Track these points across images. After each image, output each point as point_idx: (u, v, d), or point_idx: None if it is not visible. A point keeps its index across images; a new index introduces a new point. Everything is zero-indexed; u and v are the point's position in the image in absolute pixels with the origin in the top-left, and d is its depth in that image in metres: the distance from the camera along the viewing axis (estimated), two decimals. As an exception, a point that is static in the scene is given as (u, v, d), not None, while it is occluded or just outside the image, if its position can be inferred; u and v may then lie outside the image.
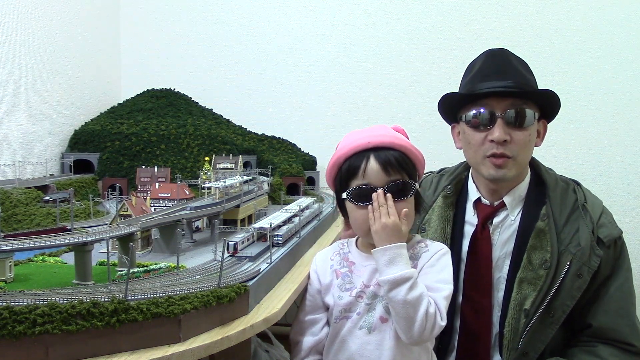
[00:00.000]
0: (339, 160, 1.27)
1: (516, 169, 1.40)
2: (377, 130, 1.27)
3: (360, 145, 1.23)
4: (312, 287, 1.32)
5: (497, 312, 1.44)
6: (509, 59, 1.41)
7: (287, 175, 2.48)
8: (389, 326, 1.19)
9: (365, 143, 1.23)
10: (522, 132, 1.36)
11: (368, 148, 1.23)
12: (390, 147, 1.23)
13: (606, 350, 1.35)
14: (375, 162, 1.21)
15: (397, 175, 1.21)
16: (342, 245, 1.36)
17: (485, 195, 1.49)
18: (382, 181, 1.21)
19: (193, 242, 1.57)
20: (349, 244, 1.35)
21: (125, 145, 2.39)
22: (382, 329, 1.20)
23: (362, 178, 1.22)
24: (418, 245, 1.28)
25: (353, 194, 1.23)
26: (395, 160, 1.21)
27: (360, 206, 1.22)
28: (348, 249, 1.34)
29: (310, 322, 1.30)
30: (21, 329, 0.81)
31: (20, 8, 2.19)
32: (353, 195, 1.23)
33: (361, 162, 1.22)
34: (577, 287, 1.35)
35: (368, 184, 1.21)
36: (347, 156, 1.25)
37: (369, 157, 1.22)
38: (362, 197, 1.21)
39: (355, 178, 1.23)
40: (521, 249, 1.41)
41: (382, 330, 1.20)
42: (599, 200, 1.48)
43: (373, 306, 1.21)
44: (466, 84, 1.45)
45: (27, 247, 0.99)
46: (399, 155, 1.22)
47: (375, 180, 1.21)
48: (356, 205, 1.23)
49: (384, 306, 1.20)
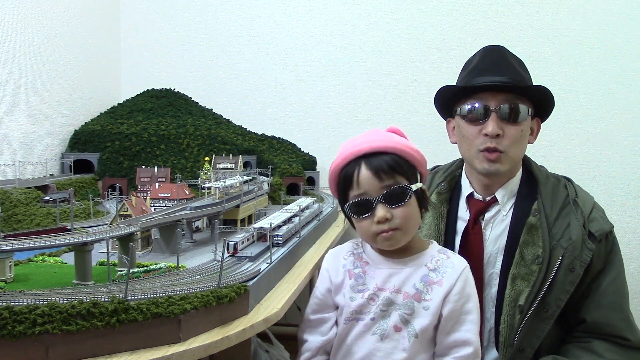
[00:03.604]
0: (336, 170, 1.26)
1: (509, 163, 1.41)
2: (368, 137, 1.25)
3: (352, 154, 1.22)
4: (322, 285, 1.30)
5: (491, 308, 1.44)
6: (506, 55, 1.43)
7: (287, 175, 2.48)
8: (402, 336, 1.17)
9: (356, 151, 1.21)
10: (515, 127, 1.38)
11: (359, 155, 1.21)
12: (382, 152, 1.21)
13: (601, 345, 1.36)
14: (367, 170, 1.19)
15: (390, 180, 1.18)
16: (357, 245, 1.34)
17: (477, 190, 1.50)
18: (376, 188, 1.18)
19: (193, 242, 1.57)
20: (364, 244, 1.33)
21: (125, 145, 2.39)
22: (395, 337, 1.18)
23: (357, 188, 1.20)
24: (439, 255, 1.26)
25: (352, 208, 1.22)
26: (386, 165, 1.19)
27: (362, 218, 1.21)
28: (362, 249, 1.32)
29: (319, 321, 1.29)
30: (21, 329, 0.81)
31: (20, 8, 2.19)
32: (352, 209, 1.22)
33: (354, 171, 1.20)
34: (570, 282, 1.35)
35: (364, 192, 1.19)
36: (342, 166, 1.24)
37: (360, 165, 1.20)
38: (361, 210, 1.20)
39: (352, 188, 1.21)
40: (513, 244, 1.42)
41: (394, 339, 1.18)
42: (589, 196, 1.49)
43: (388, 313, 1.19)
44: (463, 78, 1.47)
45: (27, 247, 0.99)
46: (391, 159, 1.20)
47: (369, 188, 1.19)
48: (357, 218, 1.22)
49: (400, 315, 1.18)
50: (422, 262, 1.24)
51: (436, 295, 1.19)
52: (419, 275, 1.22)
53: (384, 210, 1.18)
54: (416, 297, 1.19)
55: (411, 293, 1.20)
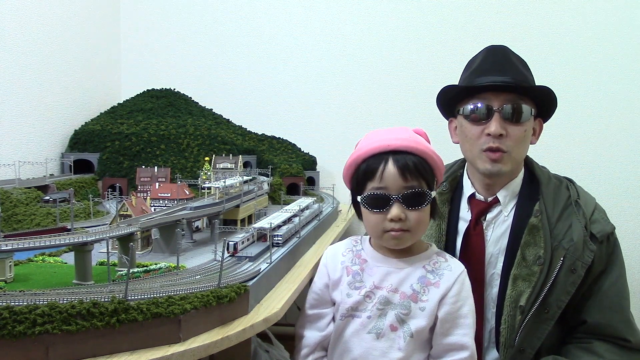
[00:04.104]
0: (357, 160, 1.26)
1: (511, 163, 1.41)
2: (398, 133, 1.25)
3: (379, 147, 1.21)
4: (320, 281, 1.32)
5: (492, 308, 1.44)
6: (509, 55, 1.42)
7: (287, 175, 2.48)
8: (397, 335, 1.18)
9: (385, 145, 1.21)
10: (518, 127, 1.38)
11: (387, 151, 1.21)
12: (410, 152, 1.21)
13: (602, 346, 1.36)
14: (394, 166, 1.19)
15: (414, 181, 1.19)
16: (356, 242, 1.35)
17: (479, 191, 1.50)
18: (398, 186, 1.19)
19: (193, 242, 1.57)
20: (363, 241, 1.34)
21: (125, 145, 2.39)
22: (391, 337, 1.19)
23: (379, 181, 1.20)
24: (437, 258, 1.27)
25: (367, 199, 1.22)
26: (413, 165, 1.19)
27: (374, 212, 1.21)
28: (361, 246, 1.33)
29: (316, 316, 1.30)
30: (21, 329, 0.81)
31: (20, 8, 2.19)
32: (367, 201, 1.22)
33: (379, 165, 1.20)
34: (572, 283, 1.35)
35: (384, 187, 1.20)
36: (366, 157, 1.24)
37: (387, 161, 1.20)
38: (377, 203, 1.21)
39: (372, 180, 1.21)
40: (515, 245, 1.42)
41: (390, 338, 1.19)
42: (591, 197, 1.49)
43: (385, 312, 1.20)
44: (465, 78, 1.46)
45: (27, 247, 0.99)
46: (418, 160, 1.21)
47: (391, 185, 1.19)
48: (370, 211, 1.22)
49: (396, 314, 1.19)
50: (420, 263, 1.25)
51: (433, 297, 1.20)
52: (416, 276, 1.23)
53: (399, 210, 1.18)
54: (413, 297, 1.20)
55: (408, 293, 1.20)
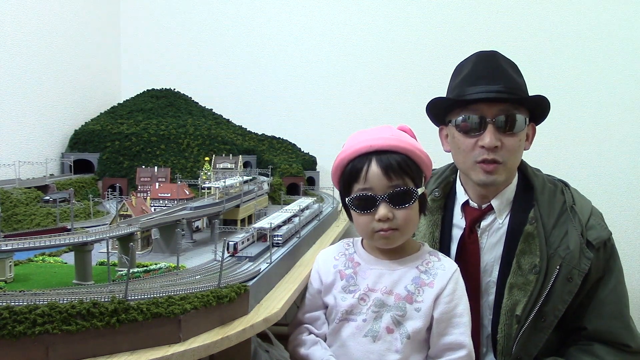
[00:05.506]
0: (342, 162, 1.25)
1: (506, 173, 1.39)
2: (381, 132, 1.24)
3: (362, 148, 1.21)
4: (312, 286, 1.31)
5: (488, 316, 1.43)
6: (499, 62, 1.38)
7: (287, 175, 2.48)
8: (394, 337, 1.18)
9: (367, 146, 1.20)
10: (512, 137, 1.35)
11: (370, 151, 1.20)
12: (394, 151, 1.20)
13: (603, 349, 1.35)
14: (377, 167, 1.18)
15: (399, 180, 1.18)
16: (348, 245, 1.34)
17: (473, 199, 1.47)
18: (383, 186, 1.18)
19: (193, 242, 1.57)
20: (355, 244, 1.34)
21: (125, 145, 2.39)
22: (387, 339, 1.18)
23: (364, 182, 1.19)
24: (430, 257, 1.26)
25: (354, 201, 1.21)
26: (397, 164, 1.18)
27: (362, 213, 1.21)
28: (354, 249, 1.32)
29: (310, 319, 1.30)
30: (21, 329, 0.81)
31: (20, 8, 2.19)
32: (354, 202, 1.22)
33: (363, 166, 1.20)
34: (568, 291, 1.34)
35: (370, 188, 1.19)
36: (350, 158, 1.23)
37: (370, 161, 1.19)
38: (364, 205, 1.20)
39: (358, 182, 1.21)
40: (510, 253, 1.40)
41: (387, 341, 1.18)
42: (587, 201, 1.46)
43: (380, 315, 1.19)
44: (455, 87, 1.42)
45: (27, 247, 0.99)
46: (402, 159, 1.19)
47: (376, 185, 1.19)
48: (358, 212, 1.22)
49: (392, 317, 1.18)
50: (413, 263, 1.25)
51: (427, 297, 1.19)
52: (410, 277, 1.22)
53: (386, 210, 1.18)
54: (407, 298, 1.19)
55: (402, 295, 1.20)
